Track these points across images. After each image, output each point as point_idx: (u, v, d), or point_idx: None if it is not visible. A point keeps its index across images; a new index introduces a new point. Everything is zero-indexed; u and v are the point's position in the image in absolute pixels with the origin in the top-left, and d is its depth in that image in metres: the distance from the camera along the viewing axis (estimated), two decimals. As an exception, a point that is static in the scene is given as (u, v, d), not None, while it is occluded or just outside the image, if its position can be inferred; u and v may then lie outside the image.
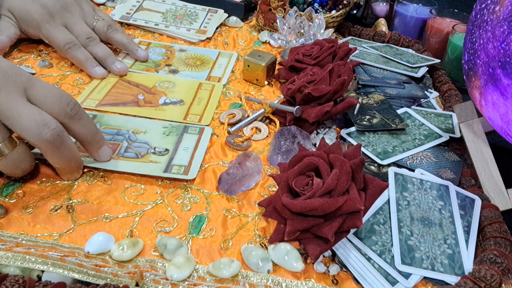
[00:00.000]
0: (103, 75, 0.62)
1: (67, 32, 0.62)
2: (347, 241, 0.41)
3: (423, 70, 0.71)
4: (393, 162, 0.51)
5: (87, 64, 0.61)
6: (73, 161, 0.43)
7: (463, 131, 0.52)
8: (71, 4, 0.64)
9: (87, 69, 0.62)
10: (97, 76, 0.62)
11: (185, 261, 0.37)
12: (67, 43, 0.61)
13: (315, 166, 0.39)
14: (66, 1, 0.63)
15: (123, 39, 0.67)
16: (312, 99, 0.54)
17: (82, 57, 0.61)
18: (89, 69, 0.62)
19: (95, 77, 0.62)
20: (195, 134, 0.53)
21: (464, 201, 0.46)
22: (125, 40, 0.67)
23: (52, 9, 0.62)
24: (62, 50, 0.62)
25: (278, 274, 0.38)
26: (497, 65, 0.42)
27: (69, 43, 0.61)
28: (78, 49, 0.62)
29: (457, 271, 0.40)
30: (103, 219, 0.41)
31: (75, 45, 0.62)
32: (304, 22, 0.77)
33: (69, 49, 0.61)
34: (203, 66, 0.69)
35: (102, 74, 0.62)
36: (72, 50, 0.61)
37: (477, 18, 0.46)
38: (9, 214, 0.40)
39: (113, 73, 0.63)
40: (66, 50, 0.61)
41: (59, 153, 0.40)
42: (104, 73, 0.62)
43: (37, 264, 0.34)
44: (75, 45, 0.62)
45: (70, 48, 0.61)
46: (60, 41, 0.61)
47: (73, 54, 0.61)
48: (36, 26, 0.62)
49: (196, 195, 0.45)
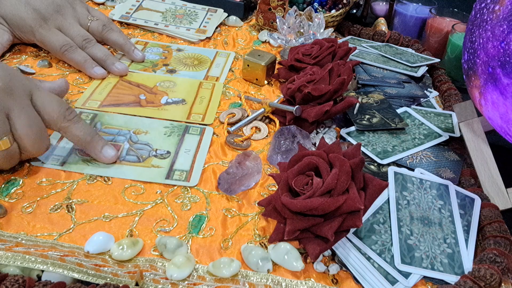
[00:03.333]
0: (102, 75, 0.62)
1: (62, 35, 0.61)
2: (347, 240, 0.41)
3: (422, 69, 0.71)
4: (393, 161, 0.51)
5: (86, 65, 0.61)
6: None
7: (463, 130, 0.52)
8: (64, 7, 0.63)
9: (86, 70, 0.61)
10: (97, 76, 0.61)
11: (185, 260, 0.37)
12: (63, 46, 0.60)
13: (314, 166, 0.39)
14: (59, 3, 0.62)
15: (119, 39, 0.66)
16: (312, 98, 0.54)
17: (80, 58, 0.61)
18: (88, 70, 0.61)
19: (95, 78, 0.61)
20: (197, 135, 0.53)
21: (463, 200, 0.46)
22: (121, 40, 0.66)
23: (45, 13, 0.61)
24: (58, 53, 0.61)
25: (278, 273, 0.38)
26: (497, 64, 0.42)
27: (65, 45, 0.60)
28: (75, 51, 0.61)
29: (456, 270, 0.40)
30: (103, 218, 0.41)
31: (71, 47, 0.61)
32: (303, 21, 0.77)
33: (66, 51, 0.60)
34: (200, 66, 0.69)
35: (102, 74, 0.62)
36: (69, 52, 0.61)
37: (476, 18, 0.46)
38: (9, 214, 0.40)
39: (113, 74, 0.63)
40: (63, 53, 0.61)
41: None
42: (104, 73, 0.62)
43: (37, 263, 0.34)
44: (71, 47, 0.61)
45: (66, 51, 0.60)
46: (56, 44, 0.60)
47: (70, 56, 0.61)
48: (29, 31, 0.61)
49: (196, 195, 0.45)
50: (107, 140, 0.48)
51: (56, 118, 0.43)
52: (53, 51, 0.62)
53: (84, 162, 0.47)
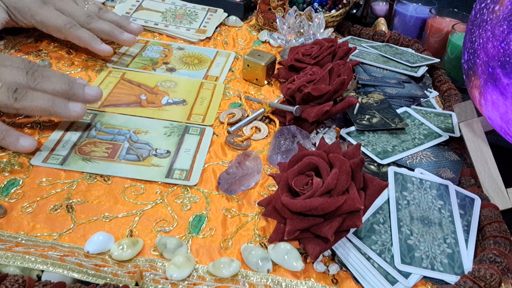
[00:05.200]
0: (110, 52, 0.63)
1: (63, 15, 0.61)
2: (347, 240, 0.41)
3: (422, 69, 0.71)
4: (393, 161, 0.51)
5: (93, 41, 0.61)
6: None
7: (463, 130, 0.52)
8: None
9: (94, 47, 0.62)
10: (105, 53, 0.62)
11: (185, 260, 0.37)
12: (67, 23, 0.60)
13: (314, 166, 0.39)
14: None
15: (115, 17, 0.66)
16: (312, 98, 0.54)
17: (86, 35, 0.61)
18: (96, 47, 0.62)
19: (103, 55, 0.63)
20: (197, 135, 0.53)
21: (463, 200, 0.46)
22: (117, 18, 0.67)
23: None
24: (62, 31, 0.61)
25: (278, 273, 0.38)
26: (497, 64, 0.42)
27: (69, 23, 0.61)
28: (80, 28, 0.61)
29: (456, 270, 0.40)
30: (103, 218, 0.41)
31: (75, 25, 0.61)
32: (303, 21, 0.77)
33: (71, 29, 0.60)
34: (200, 65, 0.69)
35: (109, 51, 0.63)
36: (73, 29, 0.61)
37: (476, 18, 0.46)
38: (9, 214, 0.40)
39: (123, 43, 0.64)
40: (68, 30, 0.60)
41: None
42: (111, 50, 0.63)
43: (36, 263, 0.34)
44: (75, 25, 0.61)
45: (71, 28, 0.61)
46: (59, 22, 0.60)
47: (76, 33, 0.61)
48: (27, 12, 0.60)
49: (196, 195, 0.45)
50: (107, 140, 0.49)
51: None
52: (56, 29, 0.61)
53: (84, 161, 0.47)
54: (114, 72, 0.64)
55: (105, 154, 0.48)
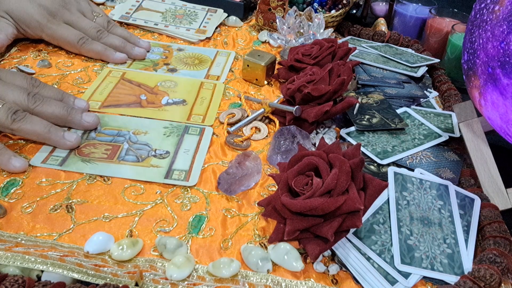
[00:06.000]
0: (125, 59, 0.66)
1: (73, 29, 0.63)
2: (347, 240, 0.41)
3: (422, 69, 0.71)
4: (393, 161, 0.51)
5: (107, 53, 0.64)
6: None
7: (463, 130, 0.52)
8: (69, 2, 0.64)
9: (109, 58, 0.64)
10: (120, 61, 0.65)
11: (185, 260, 0.37)
12: (80, 39, 0.62)
13: (314, 166, 0.39)
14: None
15: (124, 33, 0.69)
16: (312, 98, 0.54)
17: (100, 48, 0.63)
18: (111, 57, 0.64)
19: (118, 63, 0.65)
20: (196, 135, 0.53)
21: (463, 200, 0.46)
22: (126, 33, 0.69)
23: (52, 8, 0.62)
24: (75, 46, 0.63)
25: (278, 273, 0.38)
26: (497, 64, 0.42)
27: (82, 38, 0.63)
28: (92, 42, 0.63)
29: (456, 270, 0.40)
30: (103, 219, 0.41)
31: (88, 39, 0.63)
32: (303, 21, 0.77)
33: (84, 44, 0.63)
34: (201, 65, 0.69)
35: (124, 58, 0.66)
36: (86, 44, 0.63)
37: (476, 18, 0.46)
38: (9, 214, 0.40)
39: (134, 58, 0.67)
40: (81, 46, 0.63)
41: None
42: (125, 57, 0.66)
43: (36, 264, 0.34)
44: (88, 39, 0.63)
45: (84, 43, 0.63)
46: (71, 38, 0.62)
47: (89, 47, 0.63)
48: (37, 27, 0.62)
49: (195, 195, 0.45)
50: (106, 141, 0.49)
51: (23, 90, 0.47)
52: (68, 44, 0.64)
53: (83, 162, 0.47)
54: (114, 72, 0.64)
55: (104, 155, 0.48)
